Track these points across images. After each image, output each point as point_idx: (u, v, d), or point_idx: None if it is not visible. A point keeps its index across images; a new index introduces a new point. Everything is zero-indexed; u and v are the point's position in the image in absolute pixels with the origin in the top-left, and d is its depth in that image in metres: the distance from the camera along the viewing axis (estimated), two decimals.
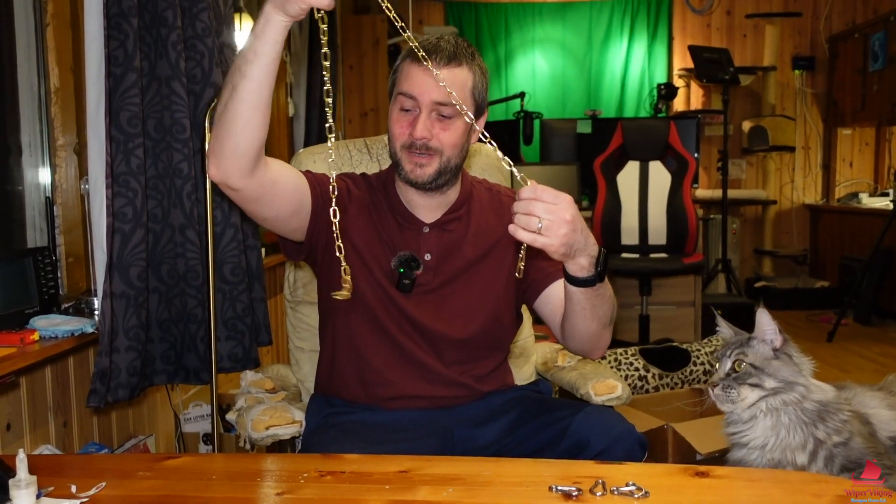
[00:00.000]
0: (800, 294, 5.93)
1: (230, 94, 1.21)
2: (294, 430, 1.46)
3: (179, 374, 2.08)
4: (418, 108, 1.39)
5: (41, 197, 2.12)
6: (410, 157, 1.41)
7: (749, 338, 1.19)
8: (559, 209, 1.13)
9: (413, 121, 1.40)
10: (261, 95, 1.22)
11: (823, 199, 6.51)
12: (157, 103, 1.97)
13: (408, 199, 1.50)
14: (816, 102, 6.51)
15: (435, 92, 1.37)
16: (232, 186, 1.29)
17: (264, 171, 1.31)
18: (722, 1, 6.48)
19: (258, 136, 1.25)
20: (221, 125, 1.24)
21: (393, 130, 1.43)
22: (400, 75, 1.43)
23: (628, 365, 3.11)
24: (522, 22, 6.50)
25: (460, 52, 1.41)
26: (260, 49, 1.18)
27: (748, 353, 1.15)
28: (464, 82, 1.41)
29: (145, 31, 1.94)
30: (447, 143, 1.41)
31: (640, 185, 4.16)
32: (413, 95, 1.39)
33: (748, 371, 1.14)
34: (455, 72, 1.40)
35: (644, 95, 6.41)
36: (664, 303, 4.38)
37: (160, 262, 2.01)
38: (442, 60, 1.38)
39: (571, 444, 1.32)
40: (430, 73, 1.34)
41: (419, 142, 1.39)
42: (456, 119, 1.40)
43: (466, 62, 1.41)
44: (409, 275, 1.45)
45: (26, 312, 1.78)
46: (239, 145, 1.24)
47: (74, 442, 2.00)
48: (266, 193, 1.34)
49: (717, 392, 1.14)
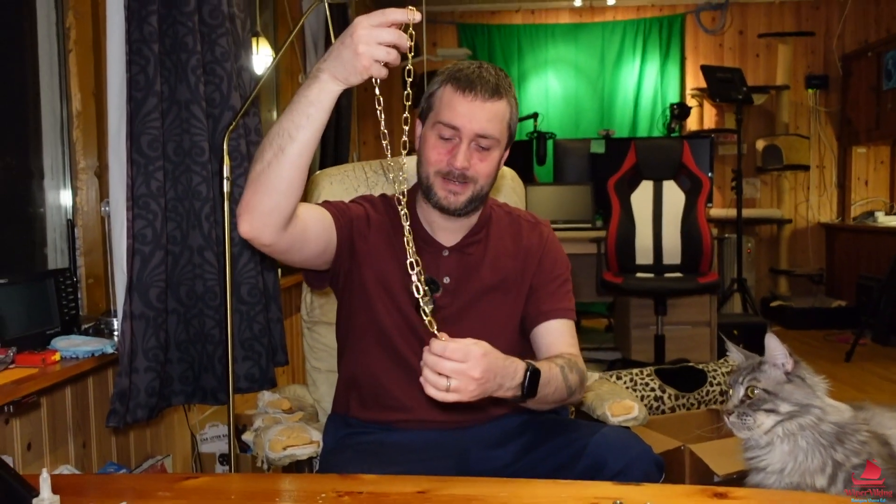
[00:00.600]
0: (817, 314, 5.88)
1: (276, 155, 1.20)
2: (311, 450, 1.47)
3: (197, 395, 2.10)
4: (458, 137, 1.40)
5: (62, 219, 2.16)
6: (445, 184, 1.42)
7: (760, 362, 1.18)
8: (468, 368, 1.09)
9: (452, 149, 1.41)
10: (308, 159, 1.22)
11: (839, 217, 6.48)
12: (177, 127, 2.01)
13: (429, 220, 1.51)
14: (830, 121, 6.50)
15: (477, 124, 1.39)
16: (264, 243, 1.29)
17: (294, 223, 1.30)
18: (734, 21, 6.50)
19: (298, 196, 1.26)
20: (261, 184, 1.22)
21: (428, 156, 1.43)
22: (440, 103, 1.42)
23: (644, 385, 3.09)
24: (535, 43, 6.54)
25: (501, 84, 1.42)
26: (314, 115, 1.18)
27: (760, 379, 1.15)
28: (503, 115, 1.43)
29: (166, 55, 1.97)
30: (483, 173, 1.43)
31: (654, 204, 4.16)
32: (456, 126, 1.39)
33: (762, 397, 1.13)
34: (497, 105, 1.41)
35: (657, 115, 6.43)
36: (679, 322, 4.36)
37: (179, 283, 2.03)
38: (486, 93, 1.39)
39: (588, 465, 1.32)
40: (473, 104, 1.37)
41: (457, 171, 1.41)
42: (493, 150, 1.43)
43: (506, 94, 1.42)
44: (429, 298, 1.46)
45: (47, 333, 1.80)
46: (280, 204, 1.24)
47: (93, 462, 2.02)
48: (296, 243, 1.35)
49: (732, 419, 1.14)
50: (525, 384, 1.22)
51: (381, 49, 1.08)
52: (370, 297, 1.48)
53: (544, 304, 1.50)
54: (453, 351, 1.09)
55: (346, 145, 4.18)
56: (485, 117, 1.39)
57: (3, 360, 1.60)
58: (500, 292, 1.51)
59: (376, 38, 1.08)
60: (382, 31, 1.08)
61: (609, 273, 4.06)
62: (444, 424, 1.47)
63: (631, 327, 4.47)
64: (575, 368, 1.39)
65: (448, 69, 1.44)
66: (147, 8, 1.87)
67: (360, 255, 1.47)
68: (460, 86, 1.39)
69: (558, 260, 1.56)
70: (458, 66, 1.44)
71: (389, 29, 1.08)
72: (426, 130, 1.46)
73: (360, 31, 1.09)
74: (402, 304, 1.47)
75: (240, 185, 2.12)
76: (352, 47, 1.09)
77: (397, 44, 1.08)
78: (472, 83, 1.38)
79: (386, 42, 1.08)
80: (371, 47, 1.08)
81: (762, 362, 1.17)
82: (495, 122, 1.40)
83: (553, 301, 1.50)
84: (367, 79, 1.13)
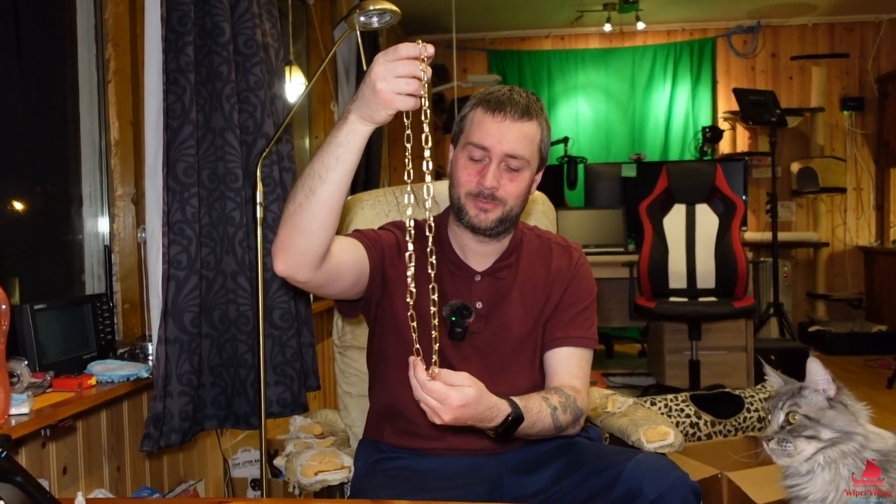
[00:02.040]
0: (856, 339, 5.75)
1: (307, 196, 1.21)
2: (343, 475, 1.46)
3: (229, 419, 2.11)
4: (488, 157, 1.41)
5: (100, 245, 2.20)
6: (476, 203, 1.43)
7: (800, 388, 1.15)
8: (439, 409, 1.15)
9: (482, 170, 1.41)
10: (340, 199, 1.23)
11: (878, 240, 6.35)
12: (212, 154, 2.04)
13: (461, 244, 1.51)
14: (867, 143, 6.40)
15: (507, 144, 1.39)
16: (299, 280, 1.31)
17: (328, 260, 1.31)
18: (766, 43, 6.46)
19: (331, 236, 1.27)
20: (295, 225, 1.24)
21: (459, 177, 1.44)
22: (471, 125, 1.44)
23: (679, 412, 3.04)
24: (565, 69, 6.56)
25: (532, 106, 1.43)
26: (343, 157, 1.19)
27: (801, 404, 1.12)
28: (533, 136, 1.43)
29: (201, 84, 2.01)
30: (512, 193, 1.43)
31: (688, 228, 4.12)
32: (485, 146, 1.40)
33: (803, 423, 1.10)
34: (527, 126, 1.41)
35: (689, 139, 6.39)
36: (715, 348, 4.29)
37: (212, 308, 2.05)
38: (516, 113, 1.40)
39: (623, 493, 1.29)
40: (504, 125, 1.38)
41: (487, 192, 1.41)
42: (523, 171, 1.43)
43: (536, 116, 1.43)
44: (462, 323, 1.46)
45: (84, 358, 1.82)
46: (313, 244, 1.25)
47: (127, 486, 2.03)
48: (331, 278, 1.36)
49: (772, 446, 1.11)
50: (500, 429, 1.26)
51: (399, 82, 1.10)
52: (400, 325, 1.48)
53: (558, 329, 1.49)
54: (430, 391, 1.14)
55: (377, 171, 4.21)
56: (514, 137, 1.40)
57: (41, 385, 1.63)
58: (530, 318, 1.50)
59: (393, 73, 1.10)
60: (398, 64, 1.10)
61: (642, 297, 4.01)
62: (477, 452, 1.46)
63: (665, 352, 4.41)
64: (570, 408, 1.39)
65: (480, 93, 1.46)
66: (183, 39, 1.92)
67: (391, 284, 1.47)
68: (490, 107, 1.40)
69: (583, 286, 1.55)
70: (489, 90, 1.45)
71: (405, 61, 1.10)
72: (457, 152, 1.47)
73: (377, 69, 1.11)
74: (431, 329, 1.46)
75: (273, 211, 2.15)
76: (371, 85, 1.12)
77: (414, 74, 1.10)
78: (502, 104, 1.40)
79: (402, 75, 1.10)
80: (388, 82, 1.10)
81: (802, 387, 1.14)
82: (525, 142, 1.41)
83: (568, 328, 1.48)
84: (396, 113, 1.15)
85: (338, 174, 1.19)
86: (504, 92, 1.43)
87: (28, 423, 1.46)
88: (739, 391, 3.24)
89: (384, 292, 1.48)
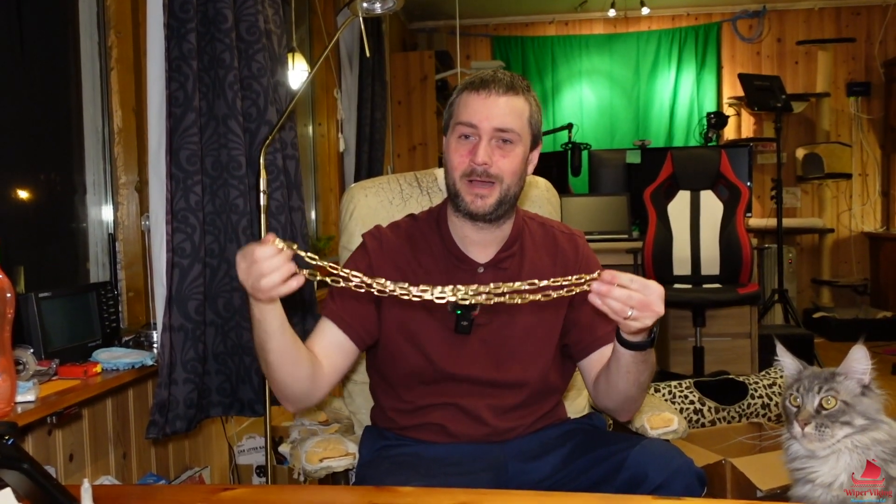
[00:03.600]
0: (861, 325, 5.74)
1: (266, 365, 1.31)
2: (347, 462, 1.47)
3: (235, 407, 2.11)
4: (478, 135, 1.40)
5: (104, 233, 2.20)
6: (471, 188, 1.40)
7: (833, 373, 1.13)
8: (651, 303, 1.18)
9: (473, 148, 1.40)
10: (291, 352, 1.30)
11: (883, 226, 6.33)
12: (215, 141, 2.04)
13: (462, 235, 1.48)
14: (873, 128, 6.36)
15: (496, 119, 1.39)
16: (315, 403, 1.43)
17: (325, 380, 1.39)
18: (772, 28, 6.41)
19: (306, 376, 1.34)
20: (276, 381, 1.34)
21: (451, 160, 1.43)
22: (458, 107, 1.44)
23: (683, 398, 3.04)
24: (569, 55, 6.53)
25: (517, 82, 1.43)
26: (269, 328, 1.25)
27: (839, 390, 1.10)
28: (521, 110, 1.42)
29: (204, 72, 2.00)
30: (507, 170, 1.40)
31: (692, 214, 4.10)
32: (473, 123, 1.40)
33: (841, 409, 1.09)
34: (513, 100, 1.41)
35: (693, 124, 6.36)
36: (719, 334, 4.28)
37: (217, 296, 2.05)
38: (500, 88, 1.40)
39: (628, 478, 1.29)
40: (490, 100, 1.38)
41: (480, 168, 1.38)
42: (516, 145, 1.41)
43: (523, 92, 1.43)
44: (467, 316, 1.43)
45: (89, 345, 1.83)
46: (300, 384, 1.34)
47: (133, 473, 2.04)
48: (338, 375, 1.44)
49: (808, 430, 1.09)
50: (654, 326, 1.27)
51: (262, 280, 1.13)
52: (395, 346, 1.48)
53: (597, 328, 1.45)
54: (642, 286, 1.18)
55: (381, 158, 4.20)
56: (502, 111, 1.39)
57: (47, 372, 1.64)
58: (538, 308, 1.48)
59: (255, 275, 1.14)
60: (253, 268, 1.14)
61: None
62: (482, 439, 1.46)
63: (669, 339, 4.40)
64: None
65: (465, 81, 1.47)
66: (186, 26, 1.91)
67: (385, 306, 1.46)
68: (475, 87, 1.41)
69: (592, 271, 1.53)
70: (473, 75, 1.46)
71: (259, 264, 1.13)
72: (448, 138, 1.46)
73: (239, 274, 1.16)
74: (437, 322, 1.45)
75: (276, 199, 2.14)
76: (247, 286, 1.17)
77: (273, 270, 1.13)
78: (485, 82, 1.41)
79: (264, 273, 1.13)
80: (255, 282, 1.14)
81: (836, 373, 1.12)
82: (514, 115, 1.40)
83: (603, 325, 1.43)
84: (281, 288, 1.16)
85: (275, 340, 1.27)
86: (487, 72, 1.44)
87: (34, 411, 1.47)
88: (743, 378, 3.24)
89: (380, 316, 1.47)
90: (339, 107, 3.97)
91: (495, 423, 1.46)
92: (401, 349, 1.46)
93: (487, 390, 1.46)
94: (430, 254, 1.48)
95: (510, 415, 1.47)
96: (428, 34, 6.50)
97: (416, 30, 6.47)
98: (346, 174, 4.10)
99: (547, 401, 1.53)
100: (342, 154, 4.06)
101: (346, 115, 3.98)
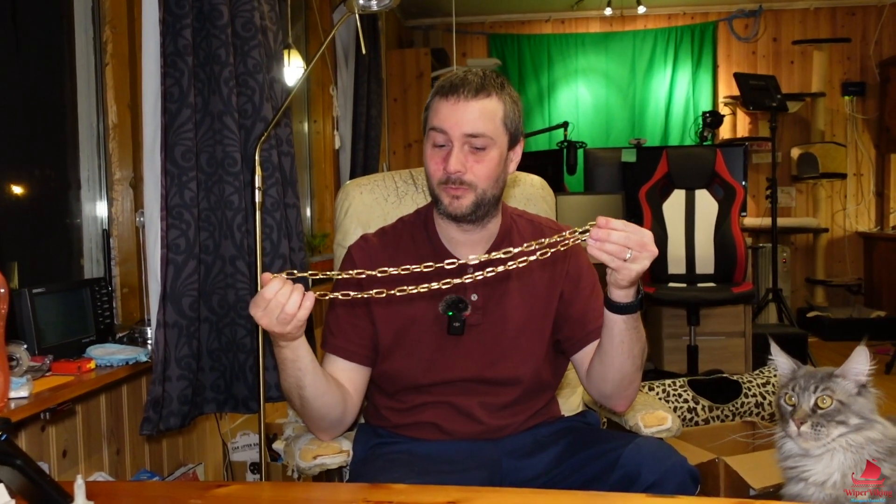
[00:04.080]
0: (855, 324, 5.76)
1: (301, 401, 1.36)
2: (341, 459, 1.47)
3: (229, 403, 2.11)
4: (450, 142, 1.38)
5: (98, 229, 2.19)
6: (447, 190, 1.40)
7: (831, 373, 1.14)
8: (647, 243, 1.19)
9: (446, 156, 1.38)
10: (323, 383, 1.35)
11: (877, 226, 6.35)
12: (210, 138, 2.03)
13: (449, 236, 1.48)
14: (868, 128, 6.38)
15: (466, 124, 1.36)
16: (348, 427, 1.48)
17: (352, 401, 1.45)
18: (768, 28, 6.42)
19: (338, 402, 1.40)
20: (310, 418, 1.41)
21: (429, 168, 1.43)
22: (430, 112, 1.42)
23: (677, 396, 3.05)
24: (565, 53, 6.53)
25: (488, 83, 1.39)
26: (302, 364, 1.30)
27: (835, 390, 1.11)
28: (493, 112, 1.39)
29: (199, 68, 2.00)
30: (481, 175, 1.39)
31: (687, 213, 4.11)
32: (444, 129, 1.38)
33: (837, 408, 1.09)
34: (484, 103, 1.37)
35: (689, 124, 6.37)
36: (713, 333, 4.30)
37: (211, 293, 2.05)
38: (469, 93, 1.37)
39: (622, 476, 1.29)
40: (458, 106, 1.36)
41: (454, 176, 1.38)
42: (489, 150, 1.39)
43: (495, 92, 1.39)
44: (459, 317, 1.44)
45: (83, 342, 1.83)
46: (332, 417, 1.41)
47: (127, 469, 2.04)
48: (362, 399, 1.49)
49: (804, 429, 1.09)
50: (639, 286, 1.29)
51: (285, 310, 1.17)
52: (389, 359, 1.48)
53: (589, 322, 1.46)
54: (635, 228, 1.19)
55: (376, 155, 4.20)
56: (472, 117, 1.36)
57: (40, 368, 1.63)
58: (528, 304, 1.49)
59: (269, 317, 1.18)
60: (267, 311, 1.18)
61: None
62: (476, 436, 1.46)
63: (663, 338, 4.42)
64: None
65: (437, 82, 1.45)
66: (181, 22, 1.90)
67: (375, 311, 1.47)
68: (444, 91, 1.38)
69: (586, 268, 1.53)
70: (444, 77, 1.43)
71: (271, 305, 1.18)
72: (425, 143, 1.44)
73: (263, 323, 1.19)
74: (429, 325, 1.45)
75: (271, 196, 2.14)
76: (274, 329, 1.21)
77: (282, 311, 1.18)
78: (454, 86, 1.38)
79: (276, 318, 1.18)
80: (279, 316, 1.18)
81: (834, 373, 1.13)
82: (484, 119, 1.36)
83: (595, 318, 1.44)
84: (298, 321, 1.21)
85: (310, 376, 1.32)
86: (458, 74, 1.40)
87: (27, 407, 1.46)
88: (737, 376, 3.25)
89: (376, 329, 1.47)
90: (334, 104, 3.97)
91: (489, 420, 1.46)
92: (394, 362, 1.47)
93: (480, 388, 1.46)
94: (418, 256, 1.46)
95: (503, 412, 1.47)
96: (424, 31, 6.49)
97: (413, 27, 6.46)
98: (341, 171, 4.10)
99: (540, 398, 1.53)
100: (338, 151, 4.06)
101: (341, 112, 3.98)
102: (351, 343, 1.46)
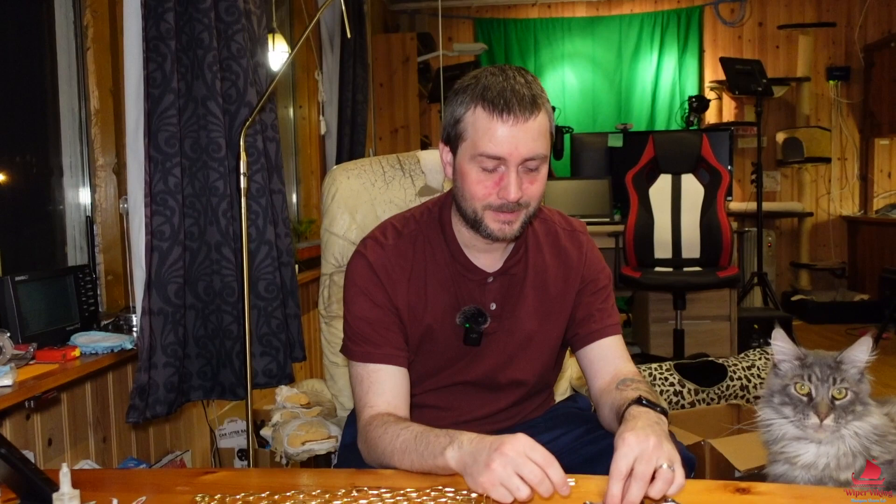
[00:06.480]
0: (838, 308, 5.82)
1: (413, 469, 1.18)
2: (330, 445, 1.47)
3: (215, 390, 2.11)
4: (504, 165, 1.25)
5: (81, 216, 2.17)
6: (496, 215, 1.30)
7: (837, 361, 1.13)
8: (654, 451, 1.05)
9: (499, 180, 1.26)
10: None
11: (861, 210, 6.40)
12: (194, 123, 2.01)
13: (470, 244, 1.39)
14: (852, 113, 6.42)
15: (525, 148, 1.23)
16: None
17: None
18: (754, 12, 6.43)
19: None
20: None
21: (473, 191, 1.28)
22: (475, 131, 1.26)
23: (663, 380, 3.07)
24: (552, 37, 6.52)
25: (536, 91, 1.26)
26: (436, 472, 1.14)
27: (848, 379, 1.10)
28: (546, 129, 1.27)
29: (182, 52, 1.97)
30: (535, 195, 1.30)
31: (673, 198, 4.13)
32: (501, 157, 1.24)
33: (851, 399, 1.09)
34: (539, 120, 1.25)
35: (675, 108, 6.38)
36: (699, 317, 4.33)
37: (197, 280, 2.04)
38: (525, 110, 1.22)
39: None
40: (515, 128, 1.22)
41: (511, 204, 1.27)
42: (541, 167, 1.29)
43: (543, 104, 1.26)
44: (477, 329, 1.39)
45: (67, 329, 1.81)
46: None
47: (113, 457, 2.03)
48: None
49: (827, 423, 1.08)
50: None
51: (513, 479, 1.01)
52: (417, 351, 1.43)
53: (594, 322, 1.43)
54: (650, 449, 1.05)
55: (362, 140, 4.18)
56: (530, 138, 1.23)
57: (24, 356, 1.62)
58: (543, 310, 1.45)
59: (516, 467, 1.01)
60: (528, 463, 1.01)
61: (627, 268, 4.03)
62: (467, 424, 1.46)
63: (650, 322, 4.44)
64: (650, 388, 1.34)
65: (469, 86, 1.27)
66: (164, 5, 1.88)
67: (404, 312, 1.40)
68: (496, 108, 1.22)
69: (600, 271, 1.48)
70: (482, 83, 1.25)
71: (534, 466, 1.01)
72: (463, 163, 1.29)
73: (506, 449, 1.03)
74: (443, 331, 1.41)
75: (256, 181, 2.13)
76: (487, 457, 1.03)
77: (533, 484, 1.00)
78: (507, 103, 1.22)
79: (523, 475, 1.01)
80: (505, 471, 1.01)
81: (839, 361, 1.12)
82: (541, 139, 1.25)
83: (602, 318, 1.42)
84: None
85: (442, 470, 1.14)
86: (501, 83, 1.24)
87: (11, 395, 1.45)
88: (723, 360, 3.28)
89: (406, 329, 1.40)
90: (320, 89, 3.94)
91: (487, 423, 1.45)
92: (412, 363, 1.41)
93: (484, 390, 1.45)
94: (436, 261, 1.40)
95: (503, 413, 1.47)
96: (410, 16, 6.45)
97: (398, 11, 6.42)
98: (327, 157, 4.07)
99: (540, 395, 1.53)
100: (323, 137, 4.03)
101: (327, 97, 3.95)
102: (400, 350, 1.37)
